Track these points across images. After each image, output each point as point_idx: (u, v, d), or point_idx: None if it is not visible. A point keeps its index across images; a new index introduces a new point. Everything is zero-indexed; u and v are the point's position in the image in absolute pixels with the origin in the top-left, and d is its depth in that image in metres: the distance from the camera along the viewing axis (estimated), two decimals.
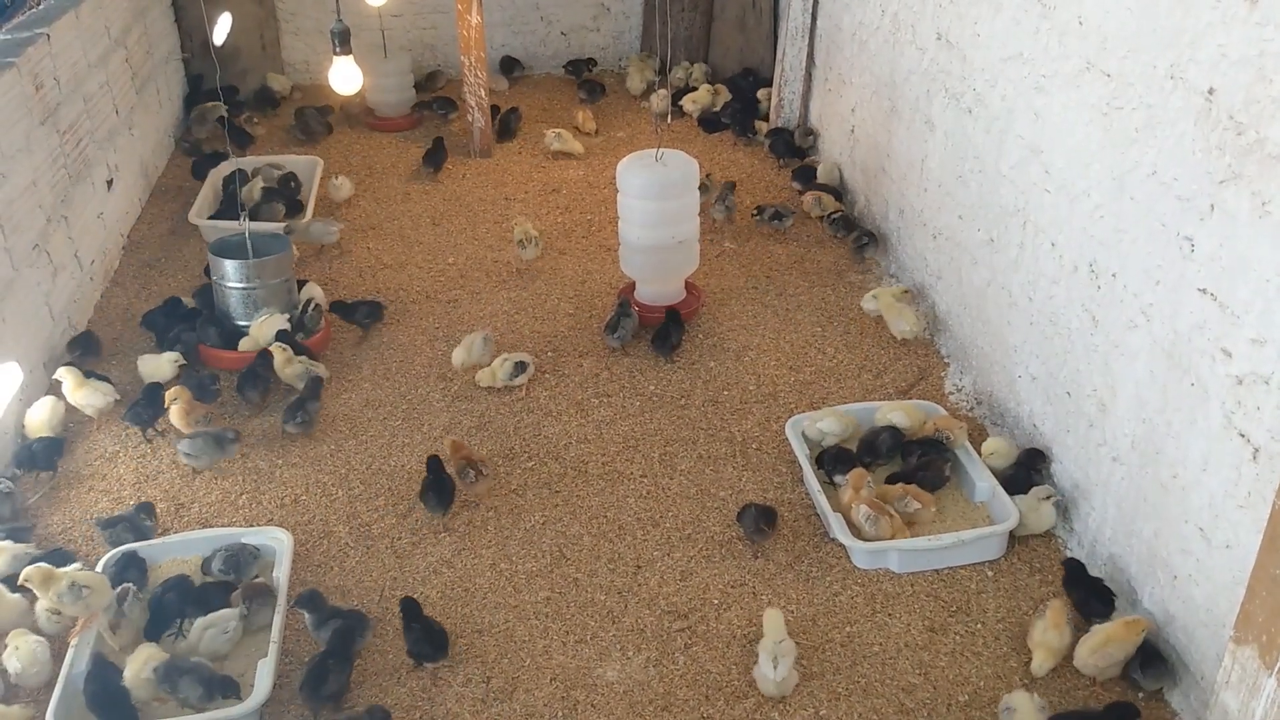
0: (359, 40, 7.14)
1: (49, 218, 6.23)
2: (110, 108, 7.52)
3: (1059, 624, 4.28)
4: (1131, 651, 4.18)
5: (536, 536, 5.04)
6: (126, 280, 7.12)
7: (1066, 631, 4.29)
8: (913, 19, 6.59)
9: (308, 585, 4.70)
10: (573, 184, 8.40)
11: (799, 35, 8.57)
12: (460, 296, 6.93)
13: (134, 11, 8.28)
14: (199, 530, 5.00)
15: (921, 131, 6.50)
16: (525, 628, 4.57)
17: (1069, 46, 4.80)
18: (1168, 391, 4.17)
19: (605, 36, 10.61)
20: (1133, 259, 4.37)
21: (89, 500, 5.24)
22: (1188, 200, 4.00)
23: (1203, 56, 3.88)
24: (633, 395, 5.98)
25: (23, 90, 6.05)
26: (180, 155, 8.84)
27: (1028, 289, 5.26)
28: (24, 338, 5.73)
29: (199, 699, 4.08)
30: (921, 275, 6.60)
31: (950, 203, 6.12)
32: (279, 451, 5.55)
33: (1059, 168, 4.93)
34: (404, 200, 8.19)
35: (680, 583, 4.78)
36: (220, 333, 6.16)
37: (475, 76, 8.55)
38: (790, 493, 5.27)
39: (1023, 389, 5.36)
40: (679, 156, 6.37)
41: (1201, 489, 3.99)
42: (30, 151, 6.06)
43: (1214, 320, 3.88)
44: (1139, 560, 4.41)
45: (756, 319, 6.64)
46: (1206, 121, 3.87)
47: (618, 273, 6.85)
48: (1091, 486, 4.76)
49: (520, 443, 5.62)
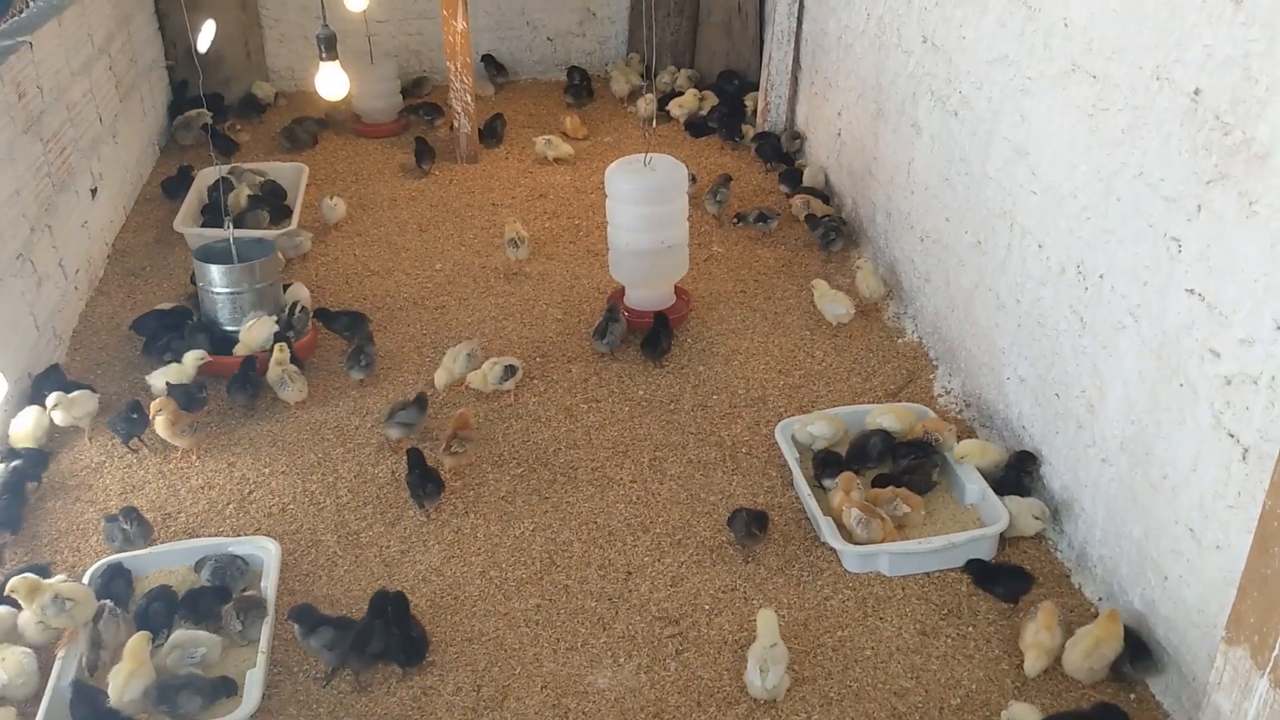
0: (344, 46, 7.12)
1: (33, 227, 6.19)
2: (94, 115, 7.48)
3: (1050, 625, 4.28)
4: (1120, 646, 4.18)
5: (526, 543, 5.02)
6: (111, 289, 7.07)
7: (1058, 632, 4.28)
8: (898, 22, 6.59)
9: (296, 595, 4.68)
10: (560, 189, 8.38)
11: (785, 39, 8.58)
12: (448, 302, 6.91)
13: (117, 19, 8.24)
14: (186, 540, 4.96)
15: (908, 134, 6.50)
16: (515, 635, 4.55)
17: (1054, 48, 4.81)
18: (1157, 392, 4.17)
19: (591, 41, 10.60)
20: (1120, 260, 4.37)
21: (75, 511, 5.20)
22: (1175, 201, 4.00)
23: (1189, 57, 3.88)
24: (622, 400, 5.96)
25: (5, 98, 6.01)
26: (165, 163, 8.80)
27: (1015, 291, 5.26)
28: (8, 348, 5.68)
29: (200, 709, 4.06)
30: (909, 278, 6.60)
31: (937, 205, 6.13)
32: (266, 460, 5.52)
33: (1045, 169, 4.93)
34: (391, 206, 8.17)
35: (671, 588, 4.76)
36: (210, 338, 6.13)
37: (461, 82, 8.53)
38: (780, 497, 5.26)
39: (1011, 391, 5.36)
40: (668, 161, 6.37)
41: (1191, 489, 3.99)
42: (13, 160, 6.02)
43: (1202, 320, 3.88)
44: (1129, 561, 4.41)
45: (745, 323, 6.63)
46: (1193, 122, 3.87)
47: (606, 278, 6.84)
48: (1081, 488, 4.76)
49: (509, 449, 5.60)
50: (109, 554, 4.82)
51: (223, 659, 4.37)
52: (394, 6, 10.04)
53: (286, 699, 4.27)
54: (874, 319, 6.65)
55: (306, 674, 4.38)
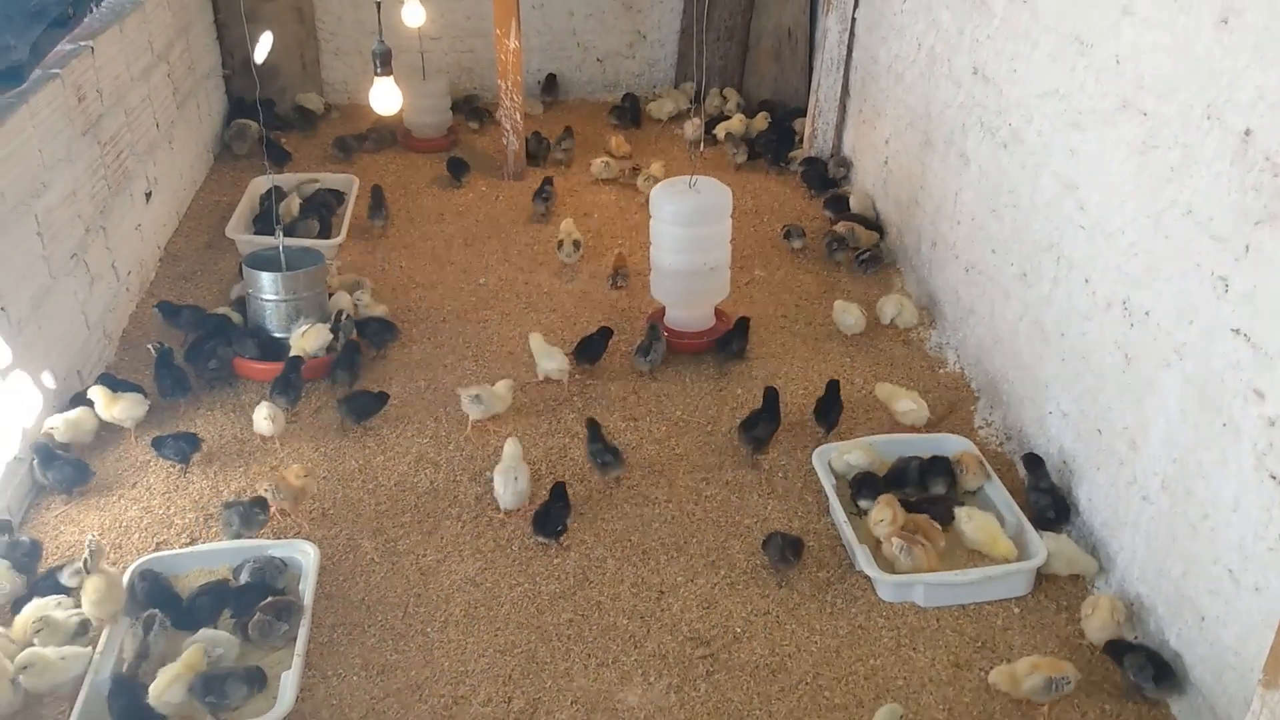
0: (398, 62, 7.21)
1: (87, 228, 6.32)
2: (151, 121, 7.62)
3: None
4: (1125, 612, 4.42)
5: (560, 558, 5.05)
6: (162, 291, 7.19)
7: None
8: (949, 53, 6.61)
9: (333, 599, 4.74)
10: (605, 208, 8.44)
11: (834, 66, 8.61)
12: (490, 317, 6.97)
13: (177, 27, 8.40)
14: (226, 542, 5.03)
15: (956, 164, 6.50)
16: (547, 649, 4.58)
17: (1106, 84, 4.81)
18: (1199, 431, 4.14)
19: (640, 63, 10.68)
20: (1166, 297, 4.35)
21: (119, 508, 5.29)
22: (1223, 240, 3.99)
23: (1240, 97, 3.88)
24: (659, 420, 5.99)
25: (65, 101, 6.15)
26: (219, 169, 8.95)
27: (1060, 325, 5.25)
28: (59, 346, 5.80)
29: (244, 699, 4.15)
30: (953, 308, 6.59)
31: (983, 236, 6.12)
32: (307, 465, 5.58)
33: (1094, 204, 4.93)
34: (438, 220, 8.26)
35: (703, 609, 4.77)
36: (258, 344, 6.22)
37: (511, 100, 8.62)
38: (816, 523, 5.26)
39: (1053, 425, 5.34)
40: (712, 184, 6.41)
41: (1231, 530, 3.96)
42: (71, 162, 6.16)
43: (1247, 361, 3.86)
44: (1166, 600, 4.38)
45: (785, 347, 6.64)
46: (1243, 162, 3.86)
47: (647, 297, 6.88)
48: (1120, 525, 4.73)
49: (546, 464, 5.64)
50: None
51: (241, 660, 4.42)
52: (448, 24, 10.16)
53: (320, 702, 4.31)
54: (916, 348, 6.64)
55: (341, 677, 4.43)
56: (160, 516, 5.24)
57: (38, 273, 5.63)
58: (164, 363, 5.96)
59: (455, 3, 10.10)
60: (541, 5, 10.25)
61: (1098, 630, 4.46)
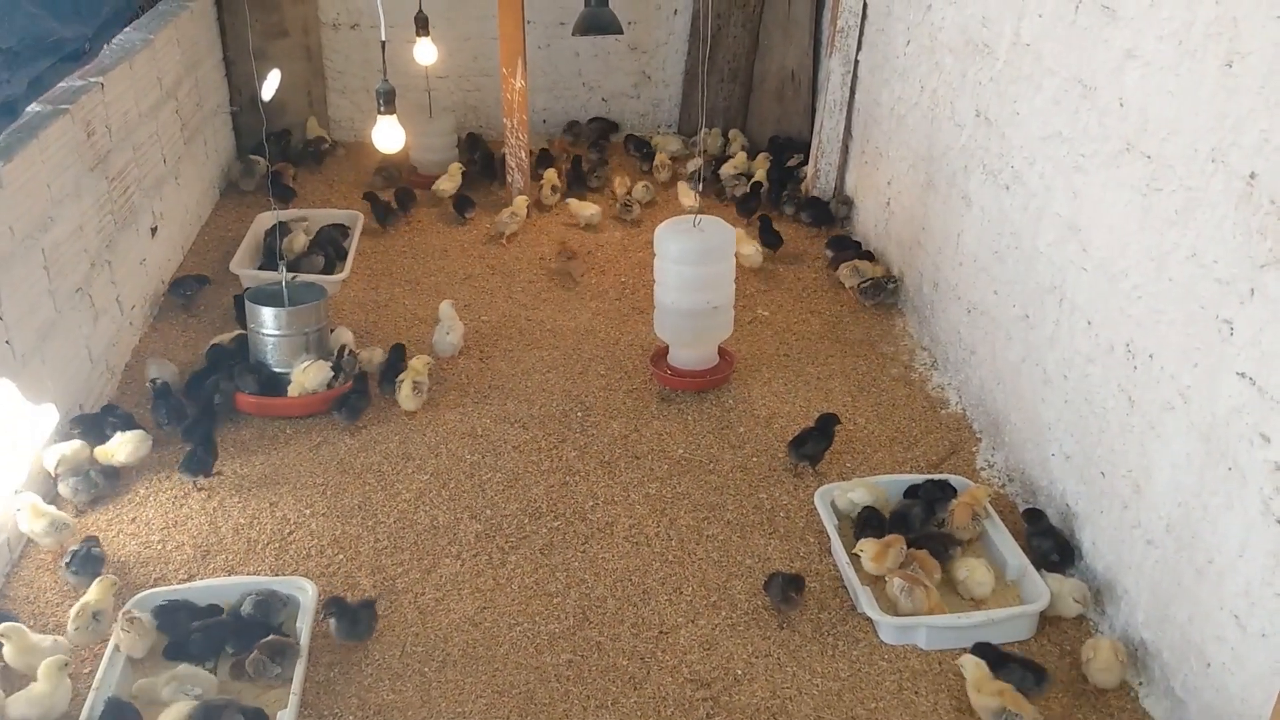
0: (405, 99, 7.26)
1: (93, 262, 6.33)
2: (159, 156, 7.66)
3: None
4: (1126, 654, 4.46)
5: (560, 598, 5.01)
6: (165, 326, 7.20)
7: None
8: (951, 96, 6.65)
9: (329, 637, 4.70)
10: (608, 246, 8.46)
11: (837, 108, 8.66)
12: (493, 354, 6.97)
13: (186, 64, 8.46)
14: (224, 578, 5.00)
15: (958, 206, 6.52)
16: (546, 690, 4.53)
17: (1109, 127, 4.83)
18: (1204, 475, 4.12)
19: (645, 104, 10.74)
20: (1171, 340, 4.35)
21: (116, 544, 5.26)
22: (1228, 283, 3.98)
23: (1245, 141, 3.89)
24: (661, 458, 5.97)
25: (74, 136, 6.18)
26: (223, 206, 8.99)
27: (1063, 367, 5.24)
28: (63, 379, 5.79)
29: None
30: (955, 350, 6.59)
31: (985, 278, 6.13)
32: (307, 501, 5.57)
33: (1097, 247, 4.93)
34: (442, 257, 8.27)
35: (704, 651, 4.73)
36: (258, 379, 6.22)
37: (516, 139, 8.67)
38: (818, 563, 5.22)
39: (1056, 467, 5.31)
40: (716, 223, 6.42)
41: (1238, 575, 3.93)
42: (79, 197, 6.18)
43: (1253, 405, 3.85)
44: (1171, 646, 4.34)
45: (788, 386, 6.63)
46: (1248, 205, 3.87)
47: (650, 335, 6.88)
48: (1124, 569, 4.70)
49: (548, 502, 5.61)
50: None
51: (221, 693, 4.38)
52: (455, 63, 10.23)
53: None
54: (918, 389, 6.63)
55: (337, 717, 4.38)
56: (159, 552, 5.22)
57: (43, 306, 5.64)
58: (162, 395, 5.98)
59: (463, 43, 10.17)
60: (548, 45, 10.32)
61: (1101, 673, 4.43)
